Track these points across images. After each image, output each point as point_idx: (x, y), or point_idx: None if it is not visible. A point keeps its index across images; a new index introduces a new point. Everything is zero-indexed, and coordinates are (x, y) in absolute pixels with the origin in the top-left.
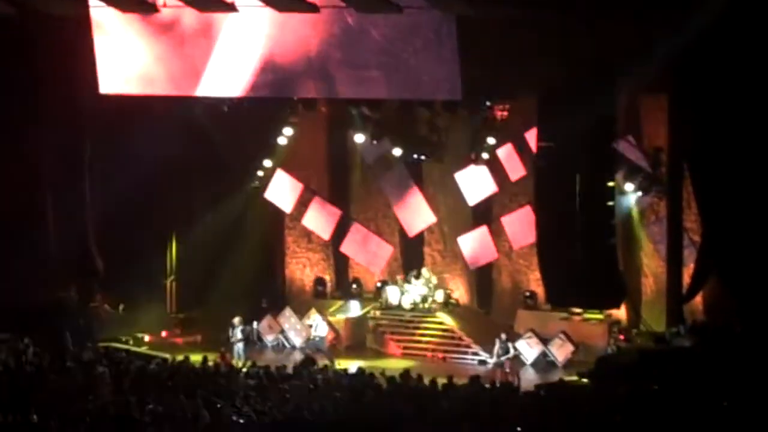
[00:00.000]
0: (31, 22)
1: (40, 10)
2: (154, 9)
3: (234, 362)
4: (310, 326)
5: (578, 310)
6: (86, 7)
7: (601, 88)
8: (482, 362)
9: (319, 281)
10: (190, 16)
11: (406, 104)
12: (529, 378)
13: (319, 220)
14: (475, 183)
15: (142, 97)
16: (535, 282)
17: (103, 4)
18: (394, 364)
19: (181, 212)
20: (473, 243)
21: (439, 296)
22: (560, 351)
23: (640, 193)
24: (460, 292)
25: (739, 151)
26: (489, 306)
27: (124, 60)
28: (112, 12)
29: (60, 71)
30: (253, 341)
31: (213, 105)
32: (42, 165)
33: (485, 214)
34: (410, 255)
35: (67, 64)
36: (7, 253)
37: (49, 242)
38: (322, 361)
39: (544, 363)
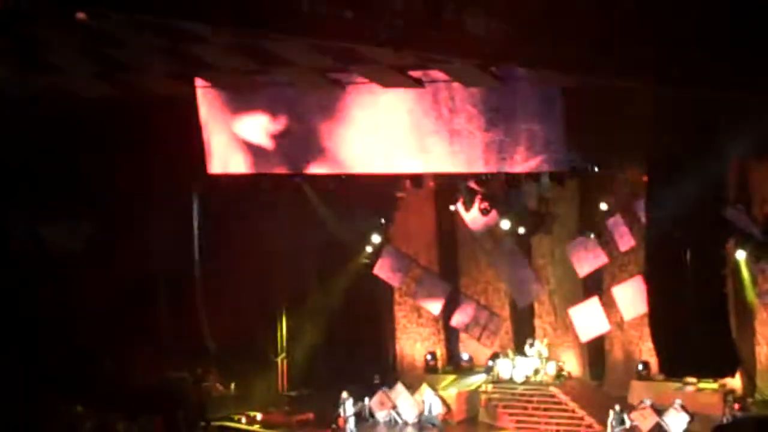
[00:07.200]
0: (135, 103)
1: (145, 90)
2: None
3: None
4: (422, 401)
5: (693, 380)
6: (193, 86)
7: (711, 155)
8: None
9: (430, 356)
10: (299, 92)
11: (514, 177)
12: None
13: (428, 294)
14: (585, 254)
15: (250, 175)
16: (647, 352)
17: (207, 84)
18: None
19: (291, 289)
20: (584, 315)
21: (551, 369)
22: (676, 422)
23: (752, 261)
24: (572, 364)
25: None
26: (602, 377)
27: (233, 139)
28: (218, 91)
29: (168, 153)
30: (364, 418)
31: (321, 181)
32: (154, 247)
33: (596, 284)
34: (521, 327)
35: (174, 145)
36: (121, 337)
37: (162, 325)
38: None
39: None
